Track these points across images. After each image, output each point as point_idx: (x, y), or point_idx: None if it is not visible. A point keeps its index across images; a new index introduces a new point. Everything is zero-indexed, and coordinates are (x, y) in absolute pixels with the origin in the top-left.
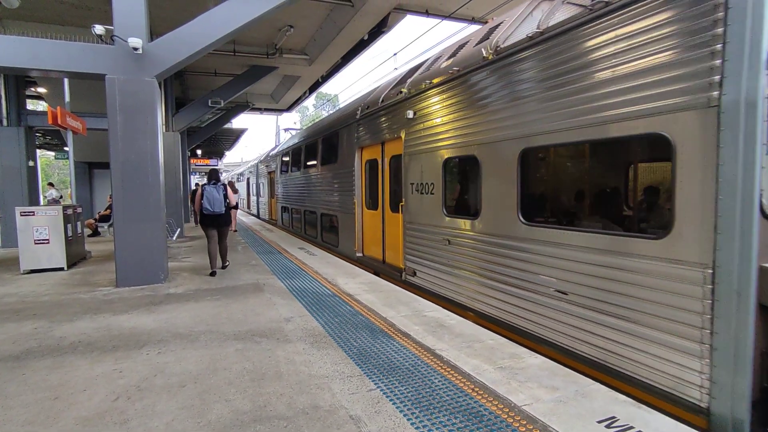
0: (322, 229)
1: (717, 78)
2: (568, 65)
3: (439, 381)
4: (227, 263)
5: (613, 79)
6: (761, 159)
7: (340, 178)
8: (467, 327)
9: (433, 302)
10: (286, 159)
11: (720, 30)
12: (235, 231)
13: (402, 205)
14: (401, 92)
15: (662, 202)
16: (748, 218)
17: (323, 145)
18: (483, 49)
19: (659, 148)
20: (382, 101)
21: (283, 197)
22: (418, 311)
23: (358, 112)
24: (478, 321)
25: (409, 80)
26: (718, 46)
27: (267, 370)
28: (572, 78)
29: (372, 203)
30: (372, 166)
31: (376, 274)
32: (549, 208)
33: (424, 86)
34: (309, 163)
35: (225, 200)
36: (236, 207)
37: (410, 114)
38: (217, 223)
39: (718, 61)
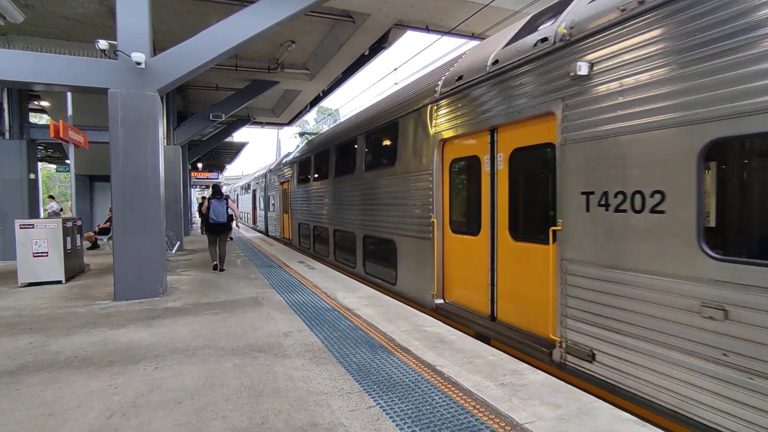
0: (365, 256)
1: None
2: None
3: (439, 398)
4: (223, 269)
5: None
6: None
7: (399, 186)
8: (468, 343)
9: (638, 414)
10: (306, 165)
11: None
12: (231, 239)
13: (557, 231)
14: (547, 39)
15: None
16: None
17: (368, 142)
18: None
19: None
20: (495, 62)
21: (300, 212)
22: (419, 326)
23: (438, 87)
24: None
25: (573, 11)
26: None
27: (265, 386)
28: None
29: (465, 224)
30: (465, 167)
31: (481, 337)
32: None
33: (617, 16)
34: (341, 169)
35: (227, 212)
36: (236, 219)
37: (581, 69)
38: (219, 231)
39: None
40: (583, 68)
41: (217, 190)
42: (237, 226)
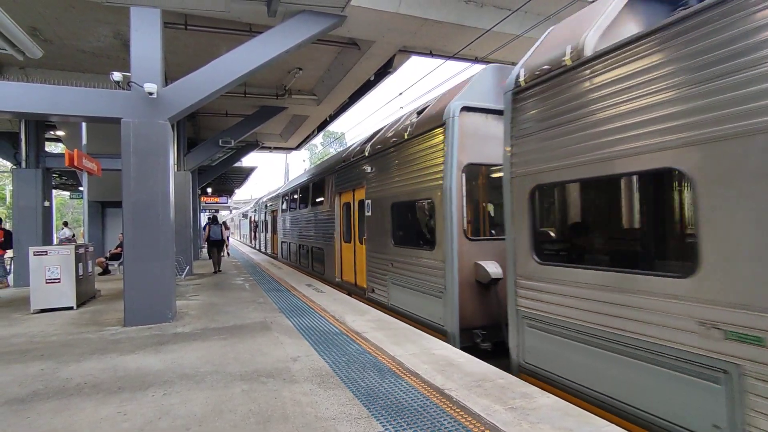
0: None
1: None
2: None
3: (448, 422)
4: (220, 270)
5: None
6: None
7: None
8: (476, 366)
9: None
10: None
11: None
12: (228, 255)
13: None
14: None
15: None
16: None
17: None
18: None
19: None
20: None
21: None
22: (427, 349)
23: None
24: None
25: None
26: None
27: (273, 412)
28: None
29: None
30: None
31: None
32: None
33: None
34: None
35: (221, 233)
36: (227, 238)
37: None
38: (216, 245)
39: None
40: None
41: (214, 219)
42: (227, 240)
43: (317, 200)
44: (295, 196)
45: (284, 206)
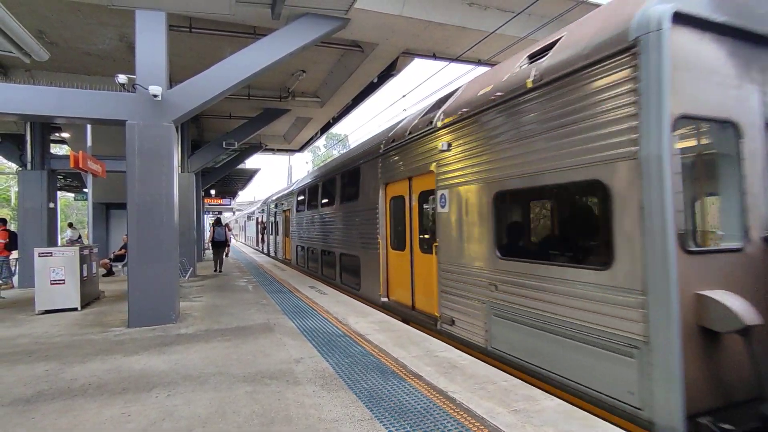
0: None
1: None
2: None
3: (451, 425)
4: (221, 270)
5: None
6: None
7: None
8: (480, 368)
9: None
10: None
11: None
12: (227, 255)
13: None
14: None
15: None
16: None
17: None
18: None
19: None
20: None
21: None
22: (430, 351)
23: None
24: None
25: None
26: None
27: (276, 414)
28: None
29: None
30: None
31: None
32: None
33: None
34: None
35: (225, 235)
36: (230, 239)
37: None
38: (220, 245)
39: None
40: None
41: (218, 221)
42: (229, 242)
43: (348, 195)
44: (316, 192)
45: (300, 205)
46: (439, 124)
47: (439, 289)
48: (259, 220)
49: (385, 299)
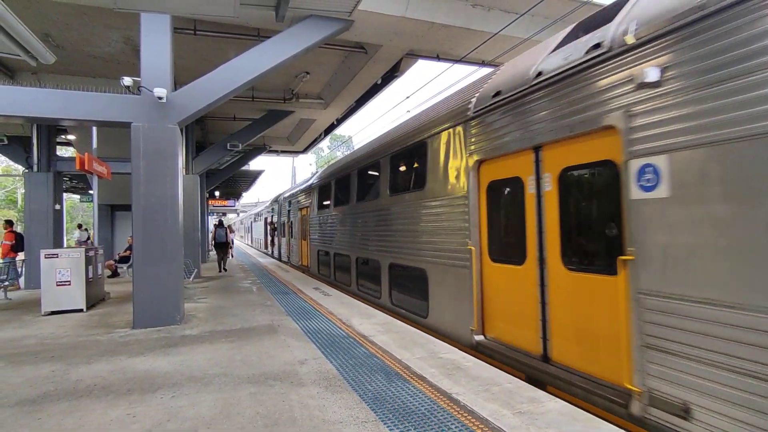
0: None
1: None
2: None
3: (455, 426)
4: (225, 270)
5: None
6: None
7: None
8: (484, 370)
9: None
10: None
11: None
12: (232, 256)
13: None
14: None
15: None
16: None
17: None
18: None
19: None
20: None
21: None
22: (434, 353)
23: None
24: None
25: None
26: None
27: (280, 416)
28: None
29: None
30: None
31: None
32: None
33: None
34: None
35: (226, 236)
36: (232, 241)
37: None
38: (222, 246)
39: None
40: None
41: (220, 222)
42: (231, 243)
43: (403, 184)
44: (347, 184)
45: (323, 201)
46: (631, 41)
47: (641, 341)
48: (269, 220)
49: (481, 337)
